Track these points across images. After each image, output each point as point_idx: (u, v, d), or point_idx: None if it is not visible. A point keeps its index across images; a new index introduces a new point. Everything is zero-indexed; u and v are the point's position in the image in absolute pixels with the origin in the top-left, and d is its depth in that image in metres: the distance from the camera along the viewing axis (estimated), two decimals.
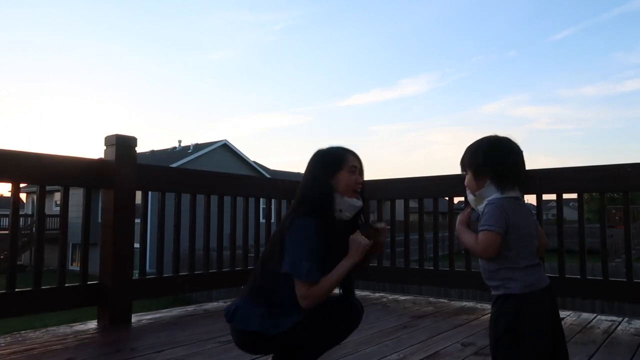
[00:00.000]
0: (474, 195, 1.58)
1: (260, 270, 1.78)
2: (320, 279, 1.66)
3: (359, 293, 4.28)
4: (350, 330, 1.81)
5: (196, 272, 3.62)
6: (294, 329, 1.67)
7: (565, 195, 3.48)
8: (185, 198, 3.53)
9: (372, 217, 3.73)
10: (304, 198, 1.79)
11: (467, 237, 1.58)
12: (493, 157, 1.53)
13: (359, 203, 1.82)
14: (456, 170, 1.78)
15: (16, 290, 2.70)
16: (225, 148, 25.27)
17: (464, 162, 1.61)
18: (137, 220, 3.24)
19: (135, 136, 3.16)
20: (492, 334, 1.49)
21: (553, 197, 3.52)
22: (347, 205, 1.78)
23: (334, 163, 1.80)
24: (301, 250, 1.66)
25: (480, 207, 1.55)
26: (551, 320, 1.47)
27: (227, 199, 3.91)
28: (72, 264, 21.17)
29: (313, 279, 1.66)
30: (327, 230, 1.71)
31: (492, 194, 1.52)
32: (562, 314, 3.31)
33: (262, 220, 4.40)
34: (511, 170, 1.52)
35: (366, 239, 1.73)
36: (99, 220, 3.20)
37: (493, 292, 1.52)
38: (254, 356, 2.29)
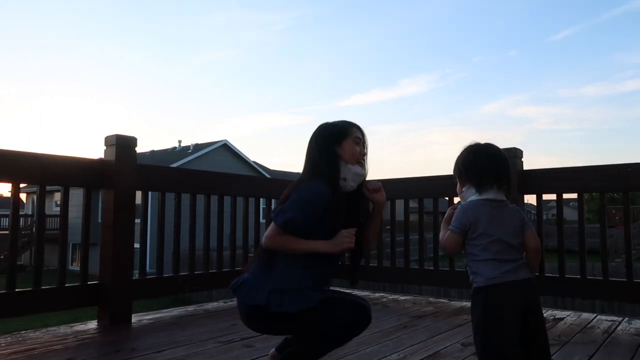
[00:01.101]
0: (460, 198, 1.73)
1: None
2: (291, 235, 1.66)
3: (358, 293, 4.28)
4: (358, 332, 1.76)
5: (196, 272, 3.62)
6: (301, 315, 1.62)
7: (565, 195, 3.48)
8: (185, 198, 3.53)
9: None
10: (312, 165, 1.78)
11: (441, 233, 1.69)
12: (470, 163, 1.65)
13: (363, 171, 1.82)
14: None
15: (16, 290, 2.70)
16: (225, 148, 25.27)
17: (454, 171, 1.74)
18: (137, 220, 3.24)
19: (135, 136, 3.16)
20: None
21: (553, 197, 3.52)
22: (352, 173, 1.78)
23: (339, 132, 1.82)
24: (296, 204, 1.66)
25: None
26: (521, 314, 1.50)
27: (227, 199, 3.91)
28: (72, 264, 21.17)
29: (285, 229, 1.65)
30: (334, 196, 1.70)
31: (469, 197, 1.64)
32: (562, 314, 3.31)
33: (262, 220, 4.40)
34: (487, 173, 1.61)
35: (354, 237, 1.72)
36: (99, 220, 3.20)
37: None
38: (255, 355, 2.29)
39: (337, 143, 1.79)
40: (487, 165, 1.62)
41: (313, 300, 1.65)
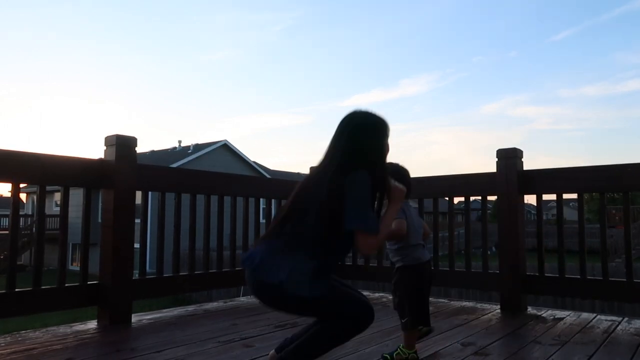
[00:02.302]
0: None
1: (303, 217, 1.72)
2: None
3: None
4: (361, 330, 1.79)
5: (196, 272, 3.62)
6: (313, 302, 1.66)
7: (565, 195, 3.48)
8: (185, 198, 3.53)
9: None
10: (361, 155, 1.77)
11: (387, 232, 2.09)
12: (403, 179, 2.22)
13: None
14: (456, 170, 2.04)
15: (16, 290, 2.70)
16: (225, 148, 25.27)
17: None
18: (137, 220, 3.24)
19: (135, 136, 3.16)
20: (394, 288, 2.26)
21: (553, 197, 3.53)
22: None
23: (387, 128, 1.88)
24: (365, 203, 1.71)
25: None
26: (425, 280, 2.26)
27: (227, 199, 3.91)
28: (72, 264, 21.17)
29: (378, 230, 1.72)
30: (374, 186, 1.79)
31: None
32: (562, 313, 3.34)
33: (262, 220, 4.41)
34: (411, 187, 2.28)
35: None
36: (99, 220, 3.20)
37: (396, 265, 2.26)
38: (255, 355, 2.29)
39: (385, 139, 1.87)
40: (410, 182, 2.32)
41: (326, 288, 1.70)
